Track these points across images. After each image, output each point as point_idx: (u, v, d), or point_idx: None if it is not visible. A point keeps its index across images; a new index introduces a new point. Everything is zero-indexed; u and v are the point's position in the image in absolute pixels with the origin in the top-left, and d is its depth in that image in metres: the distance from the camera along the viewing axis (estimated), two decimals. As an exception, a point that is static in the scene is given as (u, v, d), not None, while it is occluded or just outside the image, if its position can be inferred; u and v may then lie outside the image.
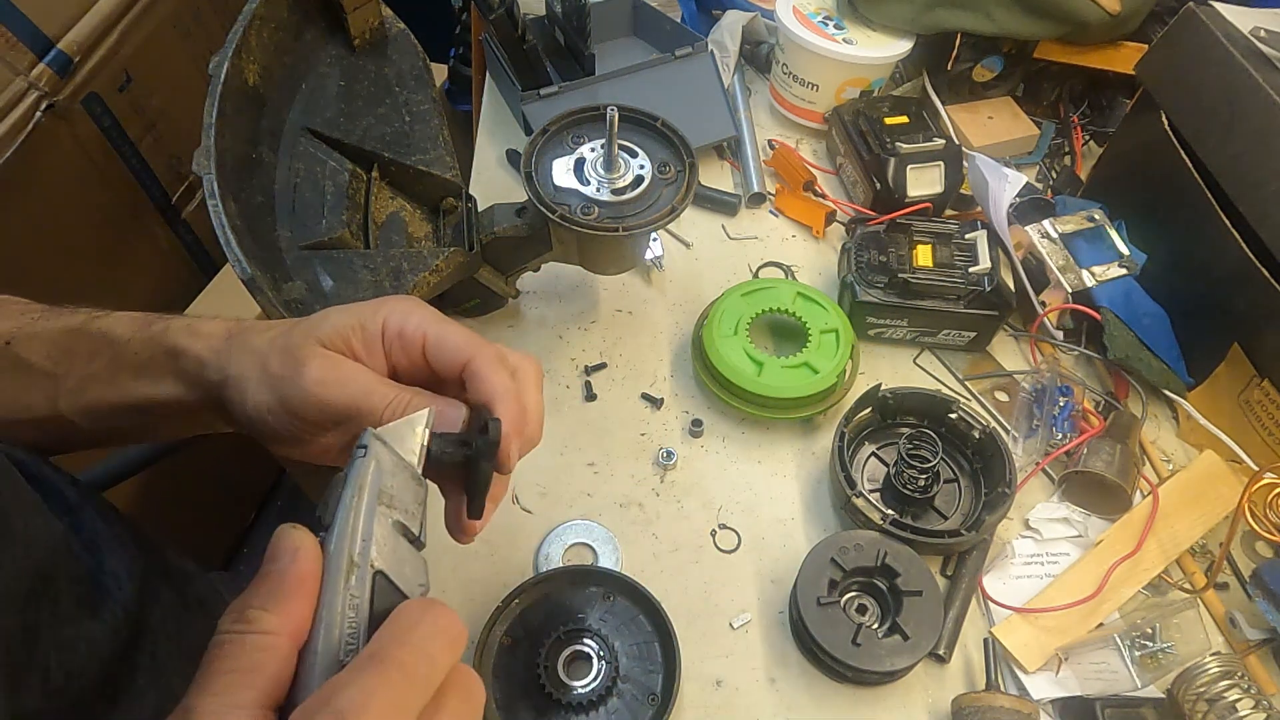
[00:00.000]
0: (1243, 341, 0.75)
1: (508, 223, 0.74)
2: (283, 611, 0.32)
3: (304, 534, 0.33)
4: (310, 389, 0.42)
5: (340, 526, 0.34)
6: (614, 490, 0.75)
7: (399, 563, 0.35)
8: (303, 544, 0.33)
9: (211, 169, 0.57)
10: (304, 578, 0.32)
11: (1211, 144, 0.76)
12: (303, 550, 0.33)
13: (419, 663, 0.31)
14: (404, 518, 0.37)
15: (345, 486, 0.35)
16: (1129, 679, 0.62)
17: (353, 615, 0.33)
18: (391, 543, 0.36)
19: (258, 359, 0.44)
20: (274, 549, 0.33)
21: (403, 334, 0.44)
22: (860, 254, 0.83)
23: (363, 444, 0.37)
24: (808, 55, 0.97)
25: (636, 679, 0.63)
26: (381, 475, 0.36)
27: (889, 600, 0.65)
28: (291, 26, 0.71)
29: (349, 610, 0.33)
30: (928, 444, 0.70)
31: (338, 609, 0.33)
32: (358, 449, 0.37)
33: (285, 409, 0.43)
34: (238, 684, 0.30)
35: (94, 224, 1.07)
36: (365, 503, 0.35)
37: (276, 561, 0.32)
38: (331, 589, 0.33)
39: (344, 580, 0.33)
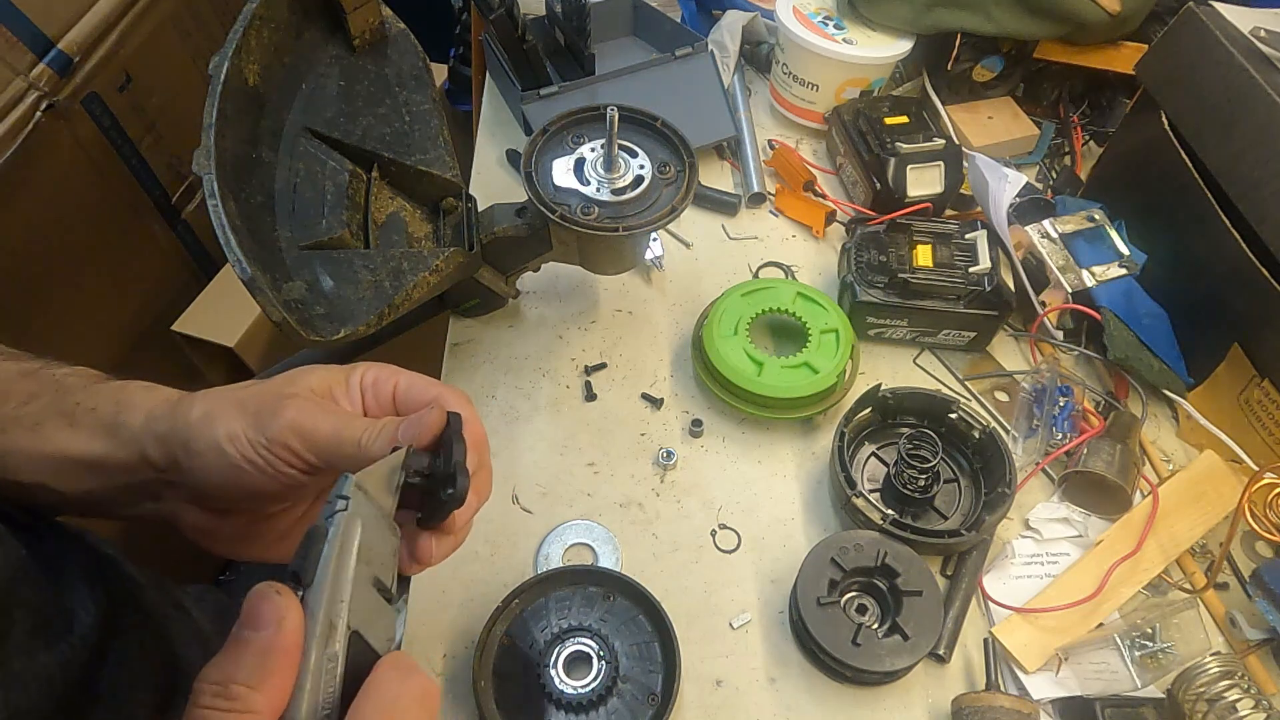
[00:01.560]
0: (1243, 341, 0.75)
1: (508, 223, 0.74)
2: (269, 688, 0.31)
3: (288, 600, 0.32)
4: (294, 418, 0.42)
5: (319, 588, 0.33)
6: (614, 490, 0.75)
7: (372, 620, 0.35)
8: (288, 613, 0.32)
9: (211, 169, 0.57)
10: (288, 650, 0.31)
11: (1211, 144, 0.76)
12: (288, 620, 0.31)
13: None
14: (379, 572, 0.36)
15: (326, 544, 0.34)
16: (1129, 679, 0.62)
17: (330, 680, 0.33)
18: (367, 600, 0.35)
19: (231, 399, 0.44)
20: (254, 614, 0.31)
21: (376, 383, 0.47)
22: (860, 254, 0.83)
23: (344, 494, 0.35)
24: (808, 55, 0.98)
25: (636, 679, 0.63)
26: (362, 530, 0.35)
27: (889, 600, 0.65)
28: (291, 26, 0.71)
29: (326, 675, 0.32)
30: (928, 444, 0.70)
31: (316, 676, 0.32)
32: (338, 499, 0.35)
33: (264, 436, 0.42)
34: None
35: (94, 224, 1.07)
36: (347, 562, 0.34)
37: (259, 630, 0.31)
38: (310, 655, 0.32)
39: (323, 644, 0.32)
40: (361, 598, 0.34)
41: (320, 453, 0.43)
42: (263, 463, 0.42)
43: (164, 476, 0.45)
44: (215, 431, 0.43)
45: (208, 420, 0.43)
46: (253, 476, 0.43)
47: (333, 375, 0.46)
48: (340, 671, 0.33)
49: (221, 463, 0.42)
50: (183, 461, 0.43)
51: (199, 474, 0.43)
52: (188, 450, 0.43)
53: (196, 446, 0.43)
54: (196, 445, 0.43)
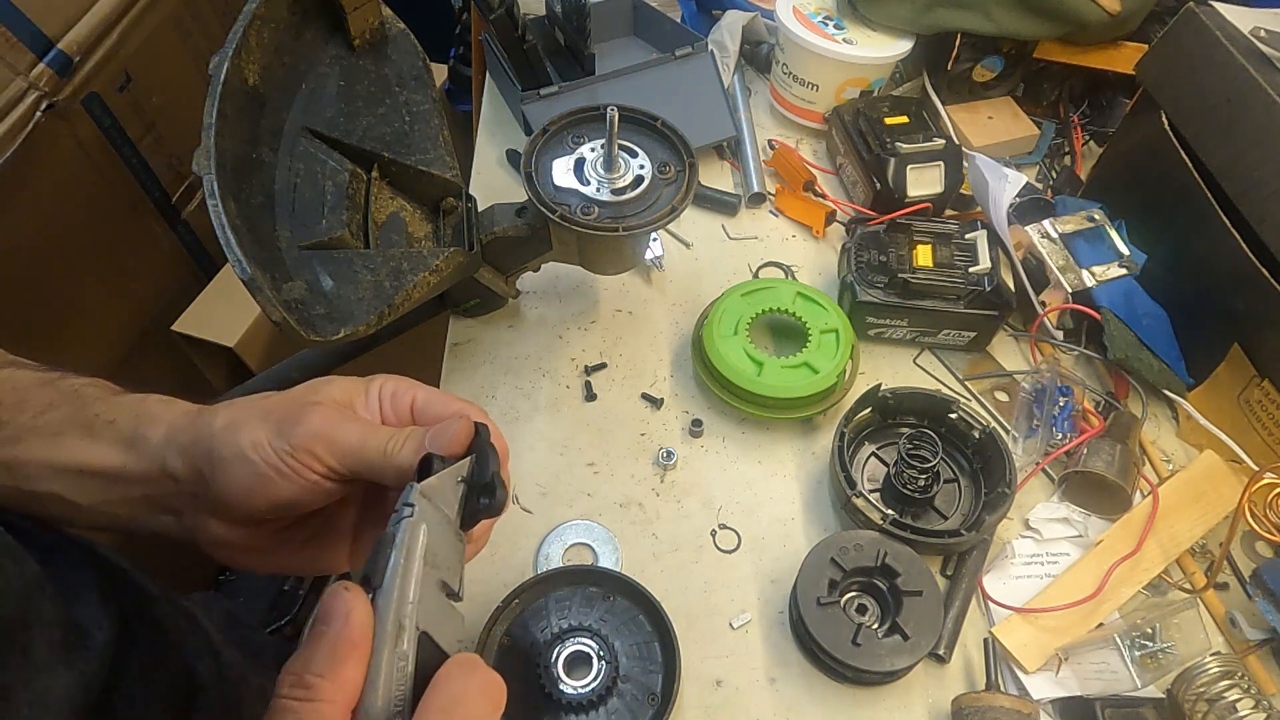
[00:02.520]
0: (1243, 341, 0.75)
1: (508, 223, 0.74)
2: (339, 677, 0.33)
3: (357, 596, 0.34)
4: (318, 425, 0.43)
5: (389, 590, 0.35)
6: (614, 490, 0.75)
7: (440, 622, 0.36)
8: (355, 607, 0.34)
9: (211, 169, 0.57)
10: (358, 642, 0.34)
11: (1211, 144, 0.76)
12: (355, 614, 0.34)
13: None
14: (446, 575, 0.38)
15: (394, 548, 0.36)
16: (1129, 679, 0.62)
17: (400, 678, 0.34)
18: (435, 602, 0.37)
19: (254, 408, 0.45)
20: (327, 610, 0.34)
21: (395, 394, 0.48)
22: (860, 254, 0.83)
23: (409, 501, 0.37)
24: (808, 55, 0.98)
25: (636, 679, 0.63)
26: (428, 534, 0.37)
27: (889, 600, 0.65)
28: (291, 26, 0.71)
29: (397, 673, 0.34)
30: (928, 444, 0.70)
31: (387, 674, 0.34)
32: (404, 507, 0.37)
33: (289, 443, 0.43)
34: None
35: (94, 224, 1.07)
36: (414, 565, 0.36)
37: (330, 624, 0.34)
38: (381, 652, 0.34)
39: (393, 644, 0.34)
40: (429, 600, 0.36)
41: (345, 459, 0.43)
42: (287, 469, 0.43)
43: (186, 489, 0.45)
44: (240, 440, 0.43)
45: (231, 430, 0.44)
46: (277, 484, 0.43)
47: (353, 386, 0.47)
48: (411, 670, 0.35)
49: (246, 471, 0.43)
50: (206, 472, 0.43)
51: (223, 484, 0.43)
52: (211, 460, 0.43)
53: (221, 454, 0.43)
54: (221, 454, 0.43)
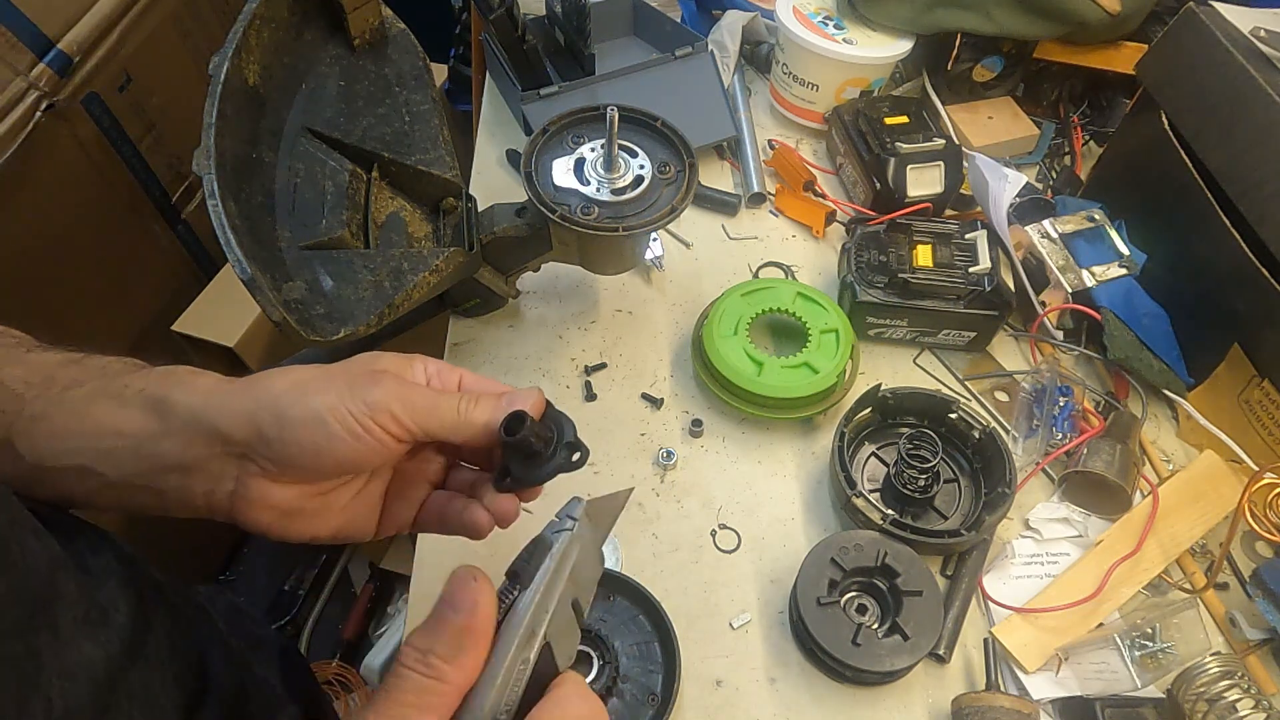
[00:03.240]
0: (1243, 341, 0.75)
1: (508, 223, 0.74)
2: (461, 664, 0.35)
3: (485, 587, 0.36)
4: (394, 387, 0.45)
5: (532, 596, 0.37)
6: (614, 490, 0.74)
7: (564, 636, 0.38)
8: (483, 600, 0.36)
9: (211, 169, 0.57)
10: (483, 634, 0.36)
11: (1211, 144, 0.76)
12: (483, 606, 0.36)
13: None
14: (580, 595, 0.39)
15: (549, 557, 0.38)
16: (1129, 679, 0.62)
17: (518, 680, 0.36)
18: (565, 617, 0.38)
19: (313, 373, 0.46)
20: (456, 597, 0.36)
21: (440, 372, 0.50)
22: (860, 254, 0.83)
23: (572, 515, 0.39)
24: (808, 55, 0.98)
25: (636, 679, 0.63)
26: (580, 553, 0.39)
27: (889, 600, 0.65)
28: (291, 26, 0.71)
29: (516, 676, 0.36)
30: (928, 444, 0.70)
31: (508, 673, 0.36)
32: (567, 519, 0.39)
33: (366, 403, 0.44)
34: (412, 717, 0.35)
35: (94, 224, 1.07)
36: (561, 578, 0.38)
37: (458, 612, 0.36)
38: (508, 652, 0.36)
39: (520, 648, 0.36)
40: (561, 613, 0.38)
41: (419, 419, 0.45)
42: (362, 430, 0.44)
43: (234, 450, 0.45)
44: (312, 402, 0.44)
45: (299, 391, 0.44)
46: (349, 445, 0.44)
47: (400, 361, 0.49)
48: (528, 675, 0.36)
49: (319, 432, 0.44)
50: (271, 433, 0.44)
51: (290, 444, 0.44)
52: (279, 420, 0.44)
53: (291, 415, 0.44)
54: (291, 414, 0.44)
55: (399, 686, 0.35)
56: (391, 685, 0.35)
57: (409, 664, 0.35)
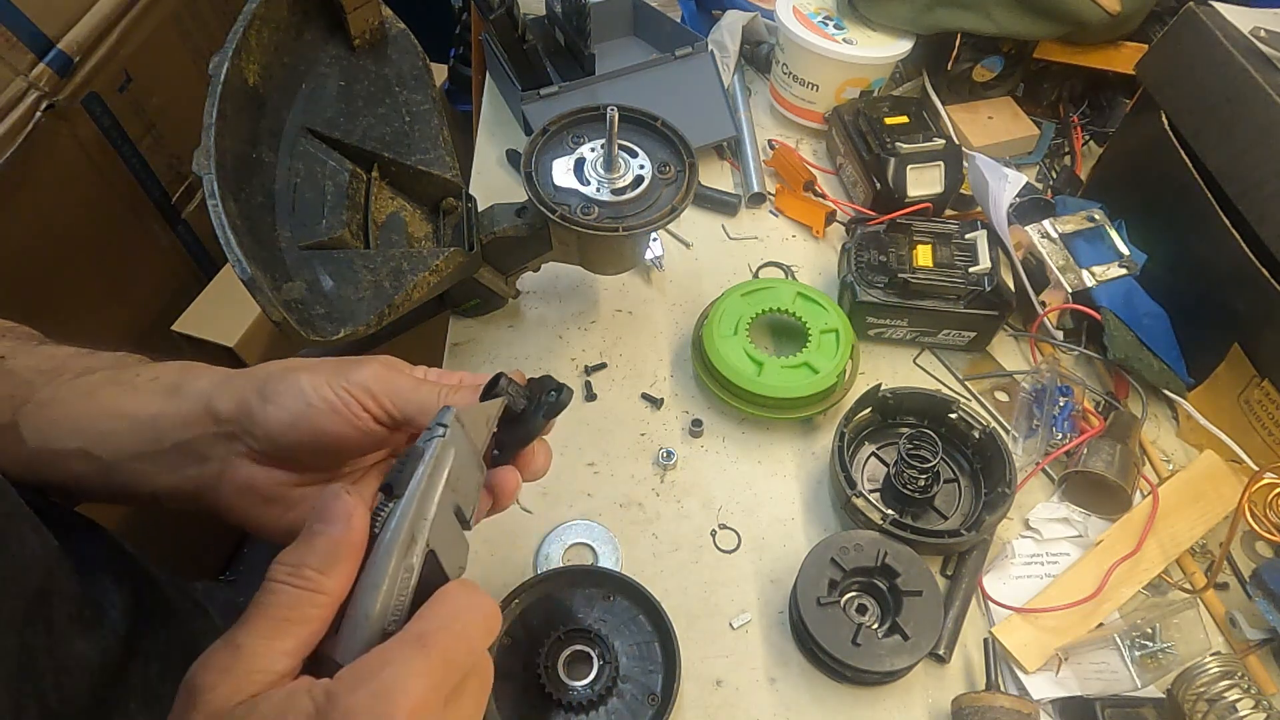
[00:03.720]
0: (1243, 341, 0.75)
1: (508, 223, 0.74)
2: (335, 574, 0.34)
3: (357, 501, 0.35)
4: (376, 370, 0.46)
5: (409, 501, 0.36)
6: (614, 490, 0.75)
7: (449, 544, 0.37)
8: (355, 511, 0.35)
9: (211, 169, 0.57)
10: (356, 545, 0.35)
11: (1211, 144, 0.76)
12: (356, 518, 0.35)
13: (459, 649, 0.34)
14: (462, 502, 0.39)
15: (421, 463, 0.37)
16: (1129, 679, 0.62)
17: (403, 588, 0.35)
18: (447, 524, 0.37)
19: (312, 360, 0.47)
20: (326, 511, 0.35)
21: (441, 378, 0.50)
22: (860, 254, 0.83)
23: (443, 422, 0.38)
24: (808, 55, 0.98)
25: (636, 679, 0.63)
26: (454, 458, 0.38)
27: (889, 600, 0.65)
28: (291, 26, 0.71)
29: (401, 583, 0.35)
30: (928, 444, 0.70)
31: (393, 581, 0.35)
32: (436, 427, 0.38)
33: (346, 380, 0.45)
34: (286, 631, 0.33)
35: (94, 224, 1.07)
36: (437, 483, 0.37)
37: (330, 524, 0.35)
38: (389, 560, 0.35)
39: (402, 554, 0.35)
40: (442, 521, 0.37)
41: (399, 402, 0.45)
42: (340, 403, 0.44)
43: (224, 429, 0.46)
44: (297, 378, 0.45)
45: (288, 369, 0.46)
46: (325, 417, 0.44)
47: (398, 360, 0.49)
48: (414, 584, 0.35)
49: (297, 403, 0.44)
50: (255, 406, 0.45)
51: (271, 414, 0.44)
52: (264, 394, 0.45)
53: (274, 388, 0.45)
54: (274, 387, 0.45)
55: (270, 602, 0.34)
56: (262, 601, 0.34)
57: (280, 578, 0.34)
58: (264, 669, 0.32)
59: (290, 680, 0.33)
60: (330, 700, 0.31)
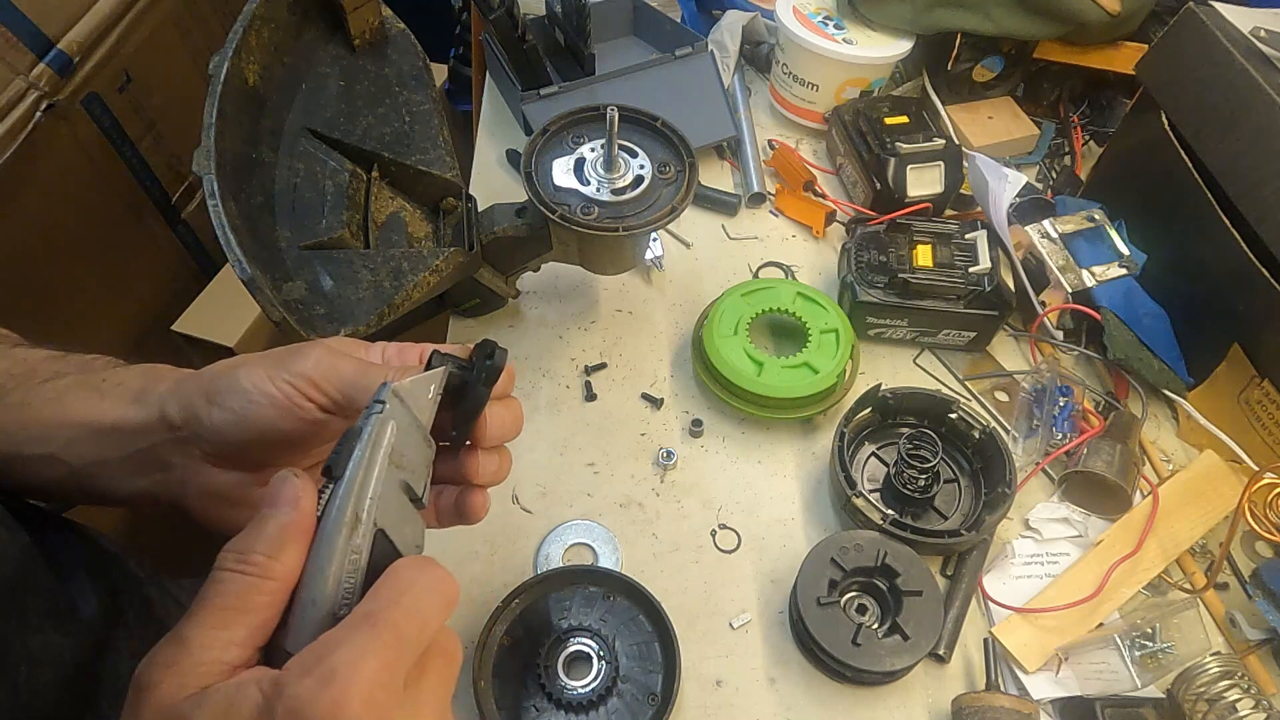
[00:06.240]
0: (1243, 341, 0.75)
1: (508, 223, 0.74)
2: (284, 559, 0.33)
3: (305, 483, 0.35)
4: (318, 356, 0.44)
5: (350, 482, 0.35)
6: (614, 490, 0.75)
7: (400, 522, 0.36)
8: (303, 493, 0.34)
9: (211, 169, 0.57)
10: (304, 529, 0.34)
11: (1211, 144, 0.76)
12: (304, 501, 0.34)
13: (410, 624, 0.32)
14: (410, 478, 0.37)
15: (359, 441, 0.36)
16: (1129, 679, 0.62)
17: (351, 570, 0.34)
18: (395, 502, 0.36)
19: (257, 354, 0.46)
20: (274, 495, 0.34)
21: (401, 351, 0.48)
22: (860, 254, 0.83)
23: (380, 399, 0.37)
24: (808, 55, 0.98)
25: (636, 679, 0.63)
26: (396, 434, 0.37)
27: (889, 600, 0.65)
28: (291, 26, 0.71)
29: (349, 564, 0.34)
30: (928, 444, 0.70)
31: (339, 563, 0.34)
32: (374, 404, 0.37)
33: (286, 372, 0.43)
34: (234, 621, 0.32)
35: (94, 224, 1.07)
36: (377, 460, 0.36)
37: (277, 508, 0.34)
38: (333, 542, 0.34)
39: (347, 535, 0.34)
40: (389, 498, 0.36)
41: (344, 388, 0.44)
42: (281, 396, 0.43)
43: (180, 435, 0.45)
44: (237, 376, 0.44)
45: (230, 368, 0.45)
46: (268, 412, 0.43)
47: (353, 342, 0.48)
48: (364, 564, 0.34)
49: (239, 401, 0.43)
50: (200, 409, 0.44)
51: (216, 417, 0.44)
52: (207, 398, 0.44)
53: (216, 388, 0.44)
54: (216, 387, 0.44)
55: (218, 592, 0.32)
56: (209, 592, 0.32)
57: (227, 566, 0.33)
58: (213, 660, 0.31)
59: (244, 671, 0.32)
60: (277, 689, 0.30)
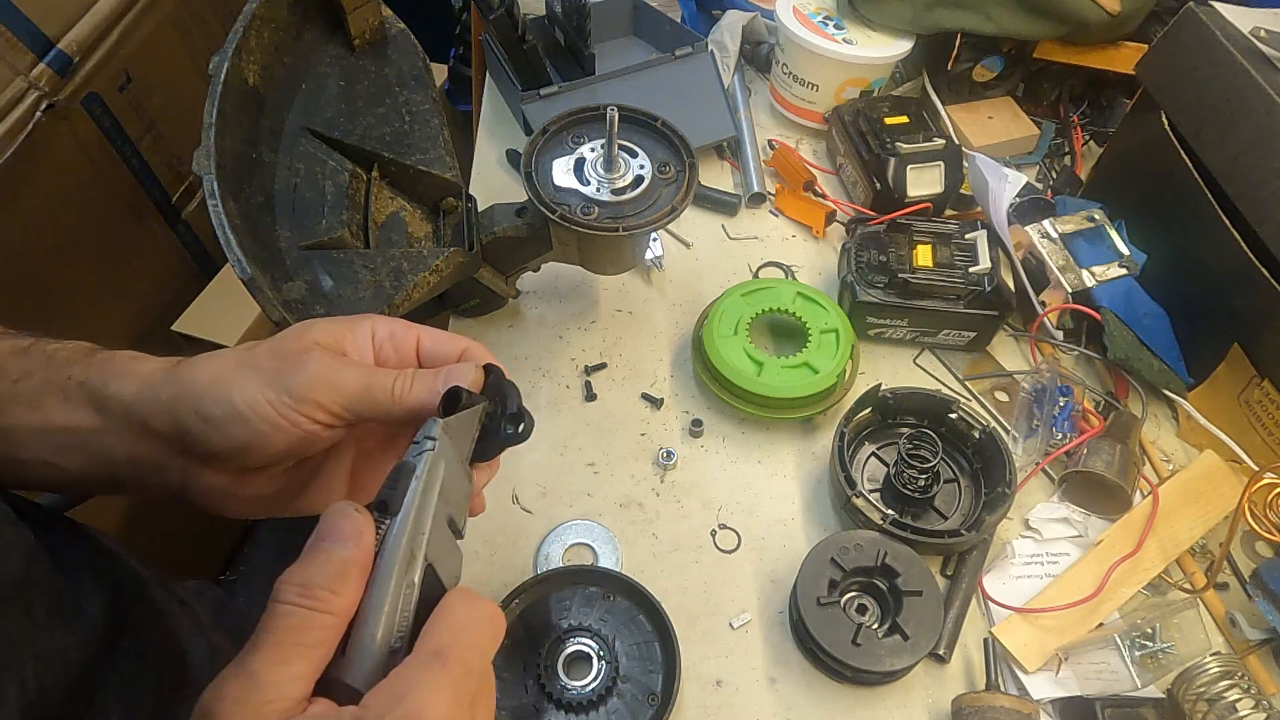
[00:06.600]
0: (1243, 341, 0.75)
1: (508, 223, 0.74)
2: (345, 594, 0.34)
3: (366, 520, 0.35)
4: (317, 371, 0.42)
5: (404, 519, 0.36)
6: (614, 490, 0.75)
7: (445, 556, 0.37)
8: (365, 530, 0.35)
9: (211, 169, 0.57)
10: (365, 564, 0.35)
11: (1211, 144, 0.76)
12: (364, 536, 0.35)
13: (473, 659, 0.34)
14: (454, 512, 0.38)
15: (414, 478, 0.36)
16: (1129, 679, 0.62)
17: (406, 605, 0.35)
18: (442, 536, 0.37)
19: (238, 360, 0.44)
20: (334, 529, 0.34)
21: (394, 335, 0.47)
22: (860, 254, 0.83)
23: (430, 435, 0.38)
24: (808, 55, 0.98)
25: (636, 679, 0.63)
26: (444, 469, 0.38)
27: (889, 600, 0.65)
28: (291, 26, 0.71)
29: (403, 601, 0.35)
30: (928, 444, 0.70)
31: (396, 598, 0.34)
32: (425, 440, 0.38)
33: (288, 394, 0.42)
34: (299, 656, 0.32)
35: (94, 224, 1.07)
36: (431, 498, 0.37)
37: (340, 543, 0.34)
38: (389, 578, 0.35)
39: (403, 571, 0.35)
40: (438, 533, 0.37)
41: (350, 403, 0.43)
42: (288, 423, 0.42)
43: (169, 446, 0.44)
44: (232, 397, 0.42)
45: (219, 384, 0.43)
46: (274, 439, 0.42)
47: (338, 328, 0.46)
48: (415, 599, 0.35)
49: (240, 429, 0.42)
50: (194, 428, 0.43)
51: (215, 441, 0.43)
52: (200, 416, 0.42)
53: (211, 411, 0.42)
54: (210, 410, 0.42)
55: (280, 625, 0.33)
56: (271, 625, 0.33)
57: (289, 599, 0.33)
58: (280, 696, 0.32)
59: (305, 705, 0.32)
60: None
